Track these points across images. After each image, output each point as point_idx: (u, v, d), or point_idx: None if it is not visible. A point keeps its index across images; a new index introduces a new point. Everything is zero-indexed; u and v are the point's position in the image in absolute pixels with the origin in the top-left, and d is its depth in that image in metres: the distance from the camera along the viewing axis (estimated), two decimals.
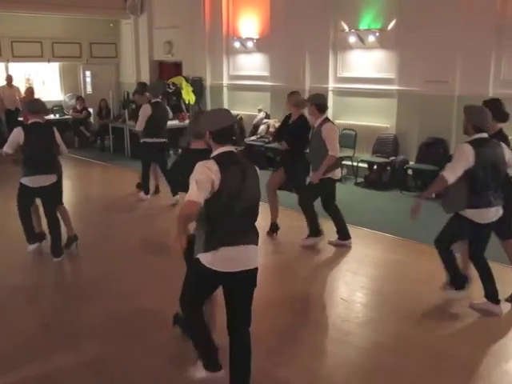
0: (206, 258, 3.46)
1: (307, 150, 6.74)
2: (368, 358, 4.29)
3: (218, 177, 3.34)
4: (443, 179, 4.72)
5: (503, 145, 4.85)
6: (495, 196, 4.77)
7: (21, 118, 12.07)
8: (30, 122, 6.17)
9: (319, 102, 6.42)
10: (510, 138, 5.35)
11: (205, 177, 3.33)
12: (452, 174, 4.71)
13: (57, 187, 6.30)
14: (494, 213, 4.81)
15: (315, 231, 6.68)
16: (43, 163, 6.03)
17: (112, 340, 4.49)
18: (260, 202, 3.64)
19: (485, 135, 4.73)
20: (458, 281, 5.08)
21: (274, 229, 7.07)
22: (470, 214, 4.76)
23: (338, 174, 6.57)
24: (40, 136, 6.05)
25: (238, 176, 3.44)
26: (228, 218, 3.44)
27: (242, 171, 3.49)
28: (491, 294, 4.98)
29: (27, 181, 6.04)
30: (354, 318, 4.92)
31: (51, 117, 14.54)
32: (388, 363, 4.18)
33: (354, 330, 4.70)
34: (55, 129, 6.31)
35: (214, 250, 3.43)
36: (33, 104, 6.39)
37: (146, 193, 8.93)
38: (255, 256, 3.59)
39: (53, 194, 6.24)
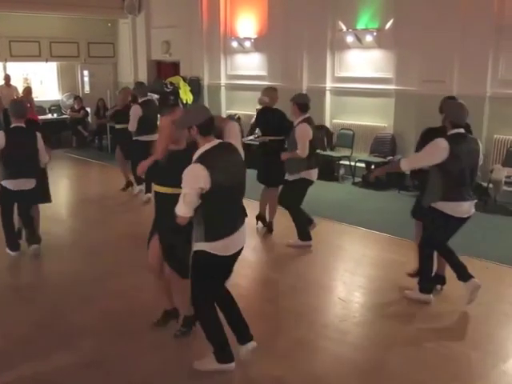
0: (208, 246, 3.63)
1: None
2: (366, 357, 4.29)
3: (208, 181, 3.44)
4: (398, 166, 5.00)
5: (479, 141, 4.96)
6: (469, 192, 4.85)
7: None
8: (12, 126, 6.04)
9: (300, 102, 6.43)
10: None
11: (193, 191, 3.46)
12: (409, 165, 4.91)
13: (36, 191, 6.21)
14: (467, 208, 4.86)
15: (304, 235, 6.70)
16: (24, 167, 5.99)
17: (110, 339, 4.48)
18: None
19: (462, 131, 4.79)
20: (426, 285, 5.14)
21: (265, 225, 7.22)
22: (441, 205, 4.81)
23: (313, 175, 6.58)
24: (22, 140, 6.00)
25: (227, 170, 3.57)
26: (223, 211, 3.61)
27: (230, 162, 3.64)
28: (463, 275, 4.98)
29: (8, 183, 6.02)
30: (352, 318, 4.92)
31: (49, 116, 14.58)
32: (386, 363, 4.19)
33: (352, 330, 4.71)
34: (39, 135, 6.19)
35: (216, 240, 3.62)
36: (17, 107, 6.21)
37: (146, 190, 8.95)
38: (245, 234, 3.89)
39: (31, 198, 6.22)
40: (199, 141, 3.61)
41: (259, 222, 7.26)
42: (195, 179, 3.44)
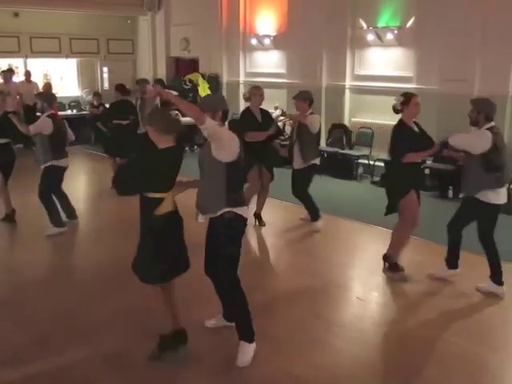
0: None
1: None
2: (384, 358, 4.26)
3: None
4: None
5: None
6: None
7: (39, 114, 12.13)
8: (49, 113, 6.70)
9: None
10: None
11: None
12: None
13: None
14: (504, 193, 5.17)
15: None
16: (65, 146, 6.91)
17: (129, 334, 4.49)
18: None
19: (493, 123, 4.99)
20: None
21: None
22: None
23: None
24: (61, 124, 6.82)
25: None
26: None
27: None
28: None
29: (61, 162, 6.76)
30: (370, 318, 4.89)
31: (68, 112, 14.69)
32: (405, 364, 4.14)
33: (369, 330, 4.67)
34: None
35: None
36: (50, 97, 7.08)
37: None
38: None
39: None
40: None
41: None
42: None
